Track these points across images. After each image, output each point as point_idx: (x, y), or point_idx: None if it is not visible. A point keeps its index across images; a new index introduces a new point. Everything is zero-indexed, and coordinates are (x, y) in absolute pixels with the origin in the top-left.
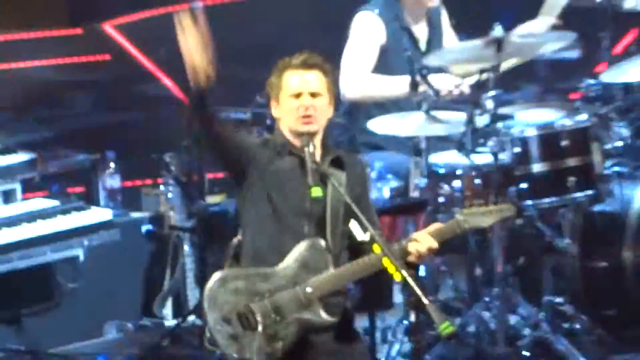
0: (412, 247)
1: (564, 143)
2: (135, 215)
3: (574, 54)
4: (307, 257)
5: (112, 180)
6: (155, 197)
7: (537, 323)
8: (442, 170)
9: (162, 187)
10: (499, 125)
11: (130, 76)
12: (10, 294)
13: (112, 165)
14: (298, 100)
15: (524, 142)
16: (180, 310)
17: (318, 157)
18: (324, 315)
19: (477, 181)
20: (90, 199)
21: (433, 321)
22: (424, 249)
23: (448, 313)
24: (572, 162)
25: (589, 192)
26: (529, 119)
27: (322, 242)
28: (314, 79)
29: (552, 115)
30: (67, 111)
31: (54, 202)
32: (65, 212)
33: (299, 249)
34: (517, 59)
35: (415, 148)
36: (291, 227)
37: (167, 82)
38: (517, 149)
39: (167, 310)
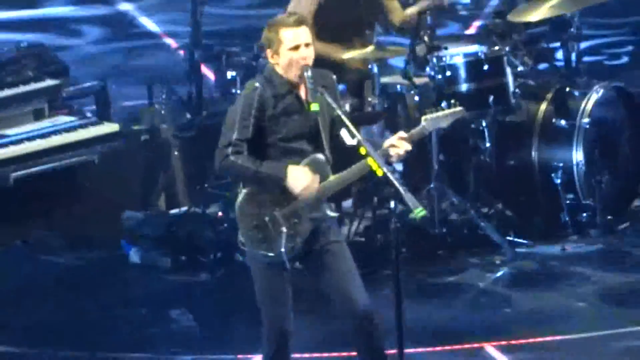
0: (393, 151)
1: (484, 67)
2: (136, 127)
3: None
4: (313, 168)
5: None
6: (151, 114)
7: (465, 209)
8: (390, 90)
9: (156, 106)
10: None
11: None
12: (41, 193)
13: None
14: (297, 52)
15: (453, 67)
16: (171, 202)
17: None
18: (329, 212)
19: (416, 98)
20: (101, 115)
21: (410, 206)
22: (402, 151)
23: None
24: (490, 82)
25: (503, 106)
26: (457, 50)
27: (321, 156)
28: (305, 33)
29: (474, 47)
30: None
31: (74, 118)
32: (83, 126)
33: (305, 163)
34: None
35: (368, 72)
36: (295, 149)
37: None
38: (449, 73)
39: (162, 202)
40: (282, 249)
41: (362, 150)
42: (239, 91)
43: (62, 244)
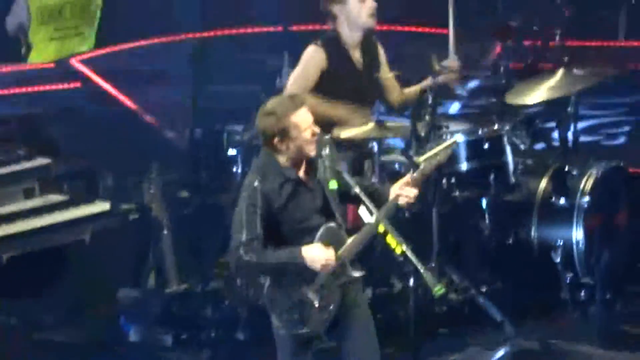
0: (402, 200)
1: (485, 146)
2: (125, 206)
3: None
4: (328, 239)
5: None
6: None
7: (465, 287)
8: (389, 168)
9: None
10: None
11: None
12: (34, 271)
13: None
14: (312, 130)
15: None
16: (161, 280)
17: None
18: (355, 273)
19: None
20: (92, 193)
21: (427, 285)
22: (412, 197)
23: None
24: (490, 161)
25: (503, 184)
26: (458, 128)
27: (333, 224)
28: (310, 117)
29: (474, 127)
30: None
31: (65, 197)
32: (74, 204)
33: (319, 236)
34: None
35: (369, 150)
36: (309, 226)
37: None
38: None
39: (152, 280)
40: (317, 326)
41: (381, 228)
42: (239, 169)
43: (56, 322)
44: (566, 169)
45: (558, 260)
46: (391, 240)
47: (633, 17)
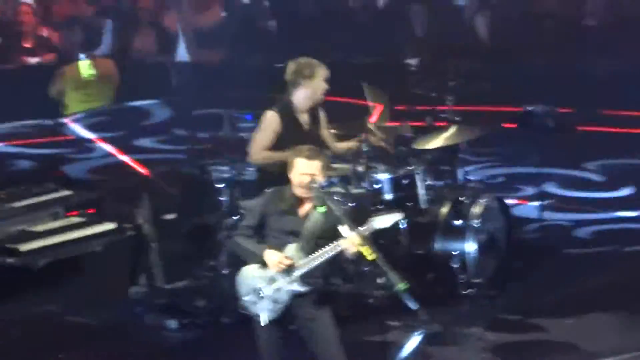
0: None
1: (403, 182)
2: (125, 225)
3: None
4: (291, 254)
5: None
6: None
7: (391, 284)
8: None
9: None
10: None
11: None
12: (59, 274)
13: None
14: (305, 178)
15: (383, 182)
16: (150, 280)
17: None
18: (302, 287)
19: (353, 204)
20: (102, 216)
21: (392, 281)
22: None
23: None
24: (407, 192)
25: (416, 210)
26: (384, 168)
27: (299, 244)
28: (314, 166)
29: (395, 167)
30: None
31: (83, 219)
32: (89, 224)
33: (287, 248)
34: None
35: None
36: (281, 238)
37: None
38: (379, 185)
39: (143, 279)
40: (266, 314)
41: (358, 240)
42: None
43: (80, 310)
44: (461, 198)
45: (455, 265)
46: (365, 250)
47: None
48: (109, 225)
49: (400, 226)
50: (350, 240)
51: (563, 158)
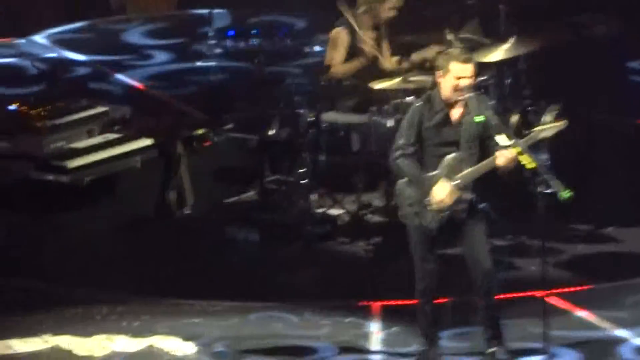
0: (501, 160)
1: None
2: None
3: None
4: (453, 164)
5: None
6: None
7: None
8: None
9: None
10: None
11: None
12: (104, 188)
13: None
14: (459, 82)
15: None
16: (180, 200)
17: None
18: (466, 195)
19: None
20: (139, 132)
21: (556, 190)
22: (509, 161)
23: None
24: None
25: None
26: None
27: (457, 155)
28: (469, 69)
29: None
30: None
31: (119, 135)
32: (126, 140)
33: (447, 160)
34: None
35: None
36: (442, 152)
37: None
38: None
39: (174, 194)
40: (430, 223)
41: (516, 150)
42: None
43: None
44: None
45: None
46: (525, 158)
47: None
48: (146, 141)
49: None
50: (509, 150)
51: None
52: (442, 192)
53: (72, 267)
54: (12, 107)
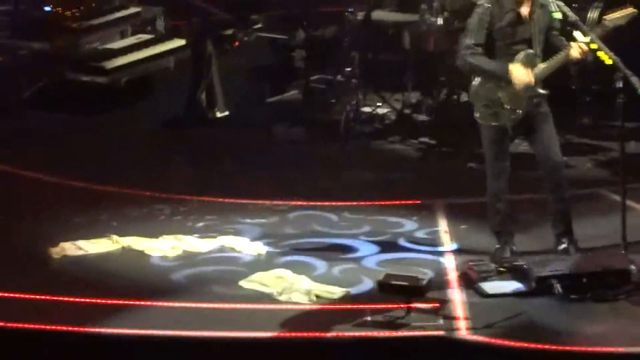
0: (575, 52)
1: None
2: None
3: None
4: (527, 61)
5: None
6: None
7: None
8: None
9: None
10: None
11: None
12: (141, 89)
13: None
14: None
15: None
16: (209, 97)
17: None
18: (540, 90)
19: None
20: (171, 33)
21: (635, 86)
22: (583, 53)
23: None
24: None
25: None
26: None
27: (531, 50)
28: None
29: None
30: None
31: (152, 36)
32: (160, 41)
33: (521, 57)
34: None
35: None
36: (515, 50)
37: None
38: None
39: (203, 97)
40: (506, 122)
41: (594, 46)
42: None
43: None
44: None
45: None
46: (602, 54)
47: None
48: (179, 42)
49: None
50: (584, 45)
51: None
52: (523, 75)
53: (122, 167)
54: (47, 8)
